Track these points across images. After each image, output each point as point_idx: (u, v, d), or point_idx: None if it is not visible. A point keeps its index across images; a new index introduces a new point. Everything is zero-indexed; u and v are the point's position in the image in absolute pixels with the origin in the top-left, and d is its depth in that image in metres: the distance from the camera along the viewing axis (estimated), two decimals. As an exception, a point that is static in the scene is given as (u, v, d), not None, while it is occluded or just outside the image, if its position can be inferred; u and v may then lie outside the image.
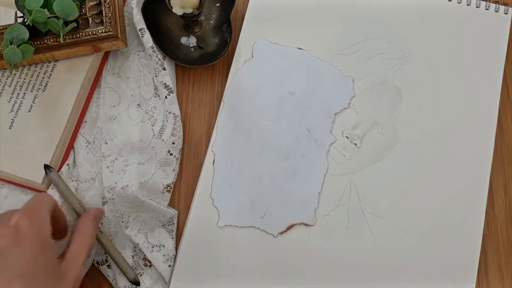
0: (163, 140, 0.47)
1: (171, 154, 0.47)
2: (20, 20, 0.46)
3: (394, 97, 0.49)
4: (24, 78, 0.48)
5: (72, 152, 0.48)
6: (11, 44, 0.44)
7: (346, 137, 0.48)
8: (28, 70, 0.48)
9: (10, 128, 0.46)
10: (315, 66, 0.50)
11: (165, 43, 0.50)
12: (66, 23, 0.45)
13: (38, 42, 0.46)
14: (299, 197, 0.46)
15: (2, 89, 0.47)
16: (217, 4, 0.52)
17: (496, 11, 0.51)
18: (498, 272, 0.46)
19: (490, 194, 0.47)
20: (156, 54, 0.48)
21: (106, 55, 0.50)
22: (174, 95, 0.47)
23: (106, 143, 0.46)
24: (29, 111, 0.47)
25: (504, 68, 0.49)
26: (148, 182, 0.46)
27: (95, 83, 0.49)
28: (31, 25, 0.44)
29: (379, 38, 0.50)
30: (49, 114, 0.47)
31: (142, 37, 0.48)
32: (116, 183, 0.45)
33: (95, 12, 0.47)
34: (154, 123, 0.48)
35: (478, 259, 0.45)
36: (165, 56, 0.49)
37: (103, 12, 0.46)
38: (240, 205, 0.46)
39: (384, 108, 0.49)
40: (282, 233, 0.46)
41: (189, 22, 0.50)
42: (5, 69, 0.48)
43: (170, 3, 0.47)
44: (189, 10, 0.47)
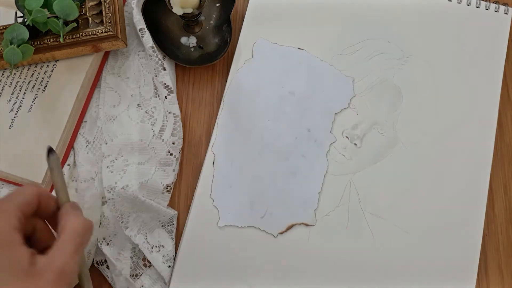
0: (163, 140, 0.47)
1: (171, 154, 0.47)
2: (20, 20, 0.46)
3: (394, 97, 0.49)
4: (24, 78, 0.48)
5: (72, 152, 0.48)
6: (11, 44, 0.44)
7: (346, 137, 0.48)
8: (28, 70, 0.48)
9: (10, 128, 0.46)
10: (315, 66, 0.50)
11: (165, 43, 0.50)
12: (66, 23, 0.45)
13: (38, 42, 0.46)
14: (299, 197, 0.46)
15: (2, 89, 0.47)
16: (217, 4, 0.52)
17: (496, 11, 0.51)
18: (498, 272, 0.46)
19: (490, 194, 0.47)
20: (156, 54, 0.48)
21: (106, 55, 0.50)
22: (174, 95, 0.47)
23: (106, 143, 0.46)
24: (29, 111, 0.47)
25: (504, 68, 0.49)
26: (148, 182, 0.46)
27: (95, 83, 0.49)
28: (31, 25, 0.44)
29: (379, 38, 0.50)
30: (49, 114, 0.47)
31: (142, 37, 0.48)
32: (116, 183, 0.45)
33: (95, 12, 0.47)
34: (154, 123, 0.48)
35: (478, 259, 0.45)
36: (165, 56, 0.49)
37: (103, 12, 0.46)
38: (240, 205, 0.46)
39: (384, 108, 0.49)
40: (282, 233, 0.46)
41: (189, 22, 0.50)
42: (5, 69, 0.48)
43: (170, 3, 0.47)
44: (189, 10, 0.47)
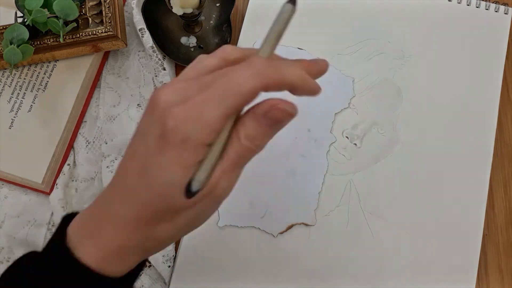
0: (163, 140, 0.47)
1: (171, 154, 0.47)
2: (20, 20, 0.46)
3: (394, 97, 0.49)
4: (24, 78, 0.48)
5: (72, 152, 0.48)
6: (11, 44, 0.44)
7: (346, 137, 0.48)
8: (28, 70, 0.48)
9: (10, 128, 0.46)
10: (315, 66, 0.50)
11: (165, 43, 0.50)
12: (66, 23, 0.45)
13: (38, 42, 0.46)
14: (299, 197, 0.46)
15: (2, 89, 0.47)
16: (217, 4, 0.52)
17: (496, 11, 0.51)
18: (498, 272, 0.46)
19: (490, 194, 0.47)
20: (156, 54, 0.48)
21: (106, 55, 0.50)
22: (174, 95, 0.47)
23: (106, 143, 0.46)
24: (29, 111, 0.47)
25: (504, 68, 0.49)
26: (148, 182, 0.45)
27: (95, 83, 0.49)
28: (31, 25, 0.44)
29: (379, 38, 0.50)
30: (49, 114, 0.47)
31: (142, 37, 0.48)
32: (116, 183, 0.45)
33: (95, 12, 0.47)
34: (154, 123, 0.48)
35: (478, 259, 0.45)
36: (165, 56, 0.49)
37: (103, 12, 0.46)
38: (240, 205, 0.46)
39: (384, 108, 0.49)
40: (282, 233, 0.46)
41: (189, 22, 0.50)
42: (5, 69, 0.48)
43: (170, 3, 0.47)
44: (189, 10, 0.47)
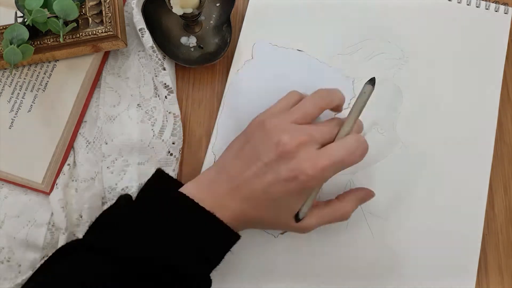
0: (163, 140, 0.47)
1: (171, 154, 0.47)
2: (20, 20, 0.46)
3: (394, 97, 0.49)
4: (24, 78, 0.48)
5: (72, 152, 0.47)
6: (11, 44, 0.44)
7: (346, 137, 0.48)
8: (28, 70, 0.48)
9: (10, 128, 0.46)
10: (315, 66, 0.50)
11: (165, 43, 0.50)
12: (66, 23, 0.45)
13: (38, 42, 0.46)
14: (299, 197, 0.46)
15: (2, 89, 0.47)
16: (217, 4, 0.52)
17: (496, 11, 0.51)
18: (498, 272, 0.46)
19: (490, 194, 0.47)
20: (156, 54, 0.48)
21: (106, 55, 0.50)
22: (174, 95, 0.47)
23: (106, 143, 0.46)
24: (29, 111, 0.47)
25: (504, 68, 0.49)
26: (148, 182, 0.46)
27: (95, 83, 0.49)
28: (31, 25, 0.44)
29: (379, 38, 0.50)
30: (49, 114, 0.47)
31: (142, 37, 0.48)
32: (116, 184, 0.45)
33: (95, 12, 0.47)
34: (154, 123, 0.48)
35: (478, 259, 0.45)
36: (165, 56, 0.49)
37: (103, 12, 0.46)
38: (240, 205, 0.46)
39: (384, 108, 0.49)
40: (282, 233, 0.46)
41: (189, 22, 0.50)
42: (5, 69, 0.48)
43: (170, 3, 0.47)
44: (189, 10, 0.47)
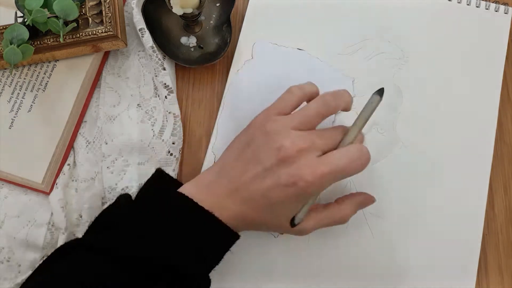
0: (163, 140, 0.47)
1: (171, 154, 0.47)
2: (20, 20, 0.46)
3: (394, 97, 0.49)
4: (24, 78, 0.48)
5: (72, 152, 0.48)
6: (11, 44, 0.44)
7: (346, 137, 0.48)
8: (28, 70, 0.48)
9: (10, 128, 0.46)
10: (315, 66, 0.50)
11: (165, 43, 0.50)
12: (66, 23, 0.45)
13: (38, 42, 0.46)
14: (299, 197, 0.46)
15: (2, 89, 0.47)
16: (217, 4, 0.52)
17: (496, 11, 0.51)
18: (498, 272, 0.46)
19: (490, 194, 0.47)
20: (156, 54, 0.48)
21: (106, 55, 0.50)
22: (174, 95, 0.47)
23: (106, 143, 0.46)
24: (29, 111, 0.47)
25: (504, 68, 0.49)
26: (148, 182, 0.45)
27: (95, 83, 0.49)
28: (31, 25, 0.44)
29: (379, 38, 0.50)
30: (49, 114, 0.47)
31: (142, 37, 0.48)
32: (116, 184, 0.45)
33: (95, 12, 0.47)
34: (154, 123, 0.48)
35: (478, 259, 0.45)
36: (165, 56, 0.49)
37: (103, 12, 0.46)
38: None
39: (384, 108, 0.49)
40: (282, 233, 0.46)
41: (189, 22, 0.50)
42: (5, 69, 0.48)
43: (170, 3, 0.47)
44: (189, 10, 0.47)
